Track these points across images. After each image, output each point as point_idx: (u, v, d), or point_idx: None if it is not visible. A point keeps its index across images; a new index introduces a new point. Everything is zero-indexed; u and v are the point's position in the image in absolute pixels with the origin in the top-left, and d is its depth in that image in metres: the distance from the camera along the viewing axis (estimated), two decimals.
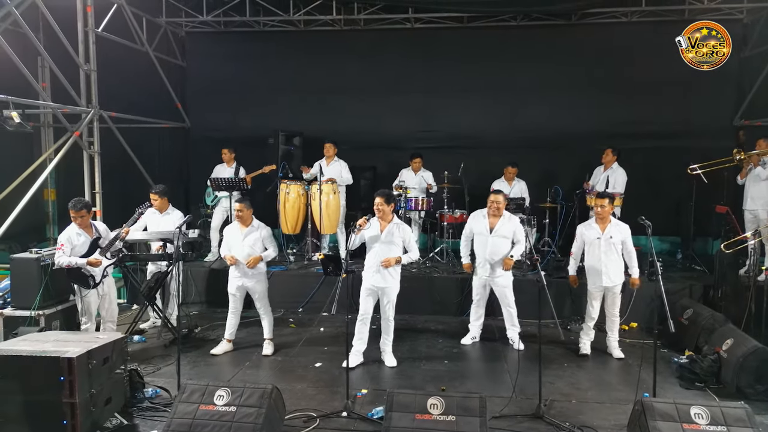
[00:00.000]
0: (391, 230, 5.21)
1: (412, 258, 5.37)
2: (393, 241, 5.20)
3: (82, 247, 5.22)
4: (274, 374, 5.24)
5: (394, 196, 5.42)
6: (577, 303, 6.81)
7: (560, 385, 5.01)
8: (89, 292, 5.28)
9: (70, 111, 7.03)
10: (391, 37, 9.25)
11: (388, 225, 5.23)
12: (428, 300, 7.14)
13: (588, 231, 5.63)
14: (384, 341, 5.50)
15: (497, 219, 5.68)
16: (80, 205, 5.23)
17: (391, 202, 5.23)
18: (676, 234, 8.74)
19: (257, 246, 5.59)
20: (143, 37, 8.36)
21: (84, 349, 3.91)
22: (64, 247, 5.14)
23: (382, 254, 5.18)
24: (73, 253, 5.17)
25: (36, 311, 5.21)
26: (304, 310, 7.23)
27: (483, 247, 5.76)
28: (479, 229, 5.78)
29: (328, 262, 4.58)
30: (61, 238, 5.19)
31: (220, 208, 8.11)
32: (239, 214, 5.57)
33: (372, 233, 5.21)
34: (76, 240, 5.21)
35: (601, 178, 7.67)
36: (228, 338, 5.78)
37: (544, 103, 8.96)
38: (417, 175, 8.18)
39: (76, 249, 5.19)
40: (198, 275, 7.47)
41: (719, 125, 8.59)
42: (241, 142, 8.52)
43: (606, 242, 5.47)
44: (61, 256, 5.13)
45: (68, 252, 5.14)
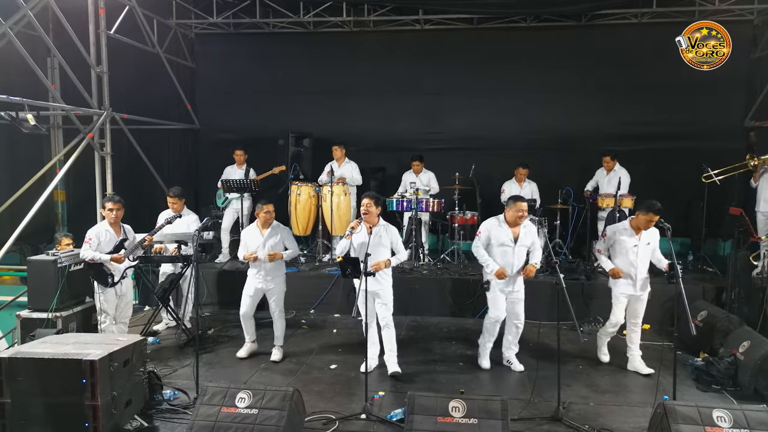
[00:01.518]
0: (378, 233, 5.09)
1: (400, 259, 5.26)
2: (381, 243, 5.09)
3: (107, 245, 5.29)
4: (290, 376, 5.24)
5: (382, 199, 5.26)
6: (590, 304, 6.83)
7: (577, 387, 5.01)
8: (107, 291, 5.30)
9: (82, 113, 7.04)
10: (400, 39, 9.26)
11: (375, 228, 5.10)
12: (440, 302, 7.14)
13: (624, 237, 5.27)
14: (388, 354, 5.23)
15: (518, 228, 5.31)
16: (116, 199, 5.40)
17: (379, 205, 5.13)
18: (686, 235, 8.72)
19: (278, 248, 5.59)
20: (154, 39, 8.38)
21: (105, 352, 3.92)
22: (92, 241, 5.22)
23: (372, 258, 4.83)
24: (98, 250, 5.23)
25: (53, 313, 5.21)
26: (315, 311, 7.24)
27: (507, 258, 5.24)
28: (502, 239, 5.25)
29: (347, 265, 4.56)
30: (90, 233, 5.28)
31: (231, 210, 8.13)
32: (269, 217, 5.57)
33: (359, 240, 5.03)
34: (103, 237, 5.28)
35: (608, 180, 7.68)
36: (251, 339, 5.76)
37: (553, 104, 8.96)
38: (418, 178, 8.18)
39: (101, 246, 5.26)
40: (209, 276, 7.48)
41: (730, 126, 8.58)
42: (251, 144, 8.54)
43: (643, 249, 5.24)
44: (87, 249, 5.20)
45: (94, 247, 5.21)
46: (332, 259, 7.97)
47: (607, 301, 6.74)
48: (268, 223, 5.58)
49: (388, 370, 5.20)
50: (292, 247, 5.67)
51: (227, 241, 8.19)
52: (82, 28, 7.06)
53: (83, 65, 7.02)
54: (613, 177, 7.63)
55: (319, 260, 8.01)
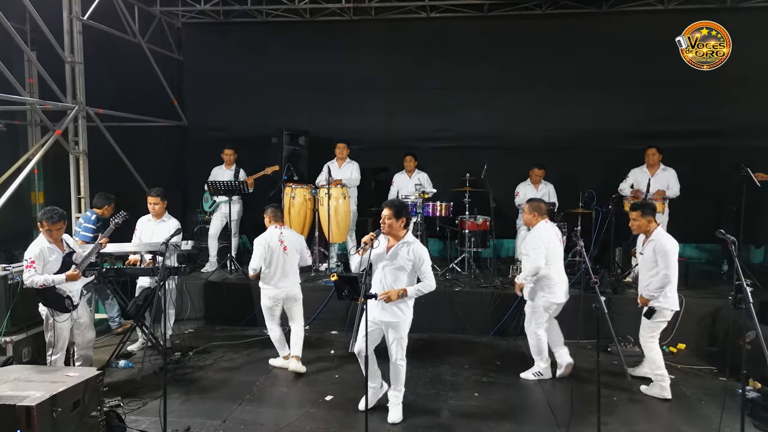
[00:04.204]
0: (396, 251, 4.15)
1: (423, 290, 4.19)
2: (398, 264, 4.13)
3: (54, 264, 4.48)
4: (278, 412, 4.51)
5: (407, 209, 4.31)
6: (617, 321, 6.09)
7: (614, 425, 4.28)
8: (63, 317, 4.51)
9: (52, 107, 6.37)
10: (404, 28, 8.60)
11: (395, 244, 4.20)
12: (450, 316, 6.45)
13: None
14: (393, 394, 4.40)
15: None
16: (57, 217, 4.44)
17: (401, 216, 4.17)
18: (715, 241, 8.00)
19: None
20: (135, 28, 7.69)
21: (47, 394, 3.21)
22: (36, 264, 4.38)
23: (388, 281, 4.17)
24: (45, 271, 4.44)
25: (3, 337, 4.49)
26: (311, 327, 6.53)
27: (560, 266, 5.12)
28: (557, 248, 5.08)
29: (343, 285, 3.85)
30: (31, 254, 4.41)
31: (219, 215, 7.46)
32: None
33: (378, 250, 4.18)
34: (48, 255, 4.45)
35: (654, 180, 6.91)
36: (284, 355, 5.39)
37: (570, 98, 8.26)
38: (412, 179, 7.49)
39: (47, 266, 4.45)
40: (194, 288, 6.79)
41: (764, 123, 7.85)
42: (243, 142, 7.94)
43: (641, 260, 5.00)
44: (33, 274, 4.37)
45: (40, 269, 4.40)
46: (329, 269, 7.28)
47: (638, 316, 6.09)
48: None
49: (389, 414, 4.37)
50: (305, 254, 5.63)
51: (215, 248, 7.51)
52: (59, 16, 6.44)
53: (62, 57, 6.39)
54: (661, 177, 6.91)
55: (315, 270, 7.30)
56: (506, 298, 6.27)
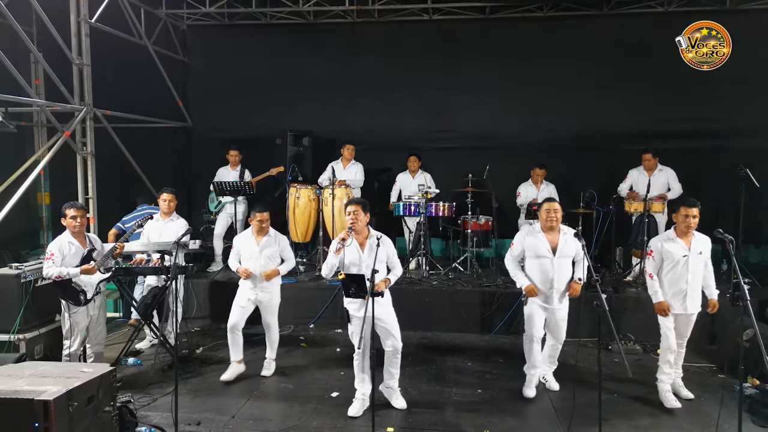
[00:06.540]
0: (372, 245, 4.28)
1: (397, 275, 4.47)
2: (380, 257, 4.23)
3: (73, 258, 4.61)
4: (285, 407, 4.60)
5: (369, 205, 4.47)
6: (618, 320, 6.17)
7: (615, 421, 4.36)
8: (78, 310, 4.65)
9: (60, 109, 6.46)
10: (407, 30, 8.66)
11: (368, 241, 4.36)
12: (452, 315, 6.52)
13: (671, 246, 4.56)
14: (388, 378, 4.52)
15: (556, 235, 4.66)
16: (79, 204, 4.71)
17: (367, 211, 4.37)
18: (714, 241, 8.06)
19: (275, 258, 5.08)
20: (141, 30, 7.78)
21: (64, 389, 3.29)
22: (54, 256, 4.53)
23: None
24: (64, 265, 4.57)
25: (16, 335, 4.58)
26: (315, 326, 6.63)
27: (545, 272, 4.61)
28: (539, 250, 4.63)
29: (351, 283, 3.93)
30: (51, 247, 4.59)
31: (224, 215, 7.53)
32: (264, 225, 5.06)
33: (351, 255, 4.33)
34: (67, 250, 4.60)
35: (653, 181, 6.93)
36: (237, 359, 5.16)
37: (572, 100, 8.34)
38: (416, 179, 7.54)
39: (66, 260, 4.59)
40: (199, 288, 6.87)
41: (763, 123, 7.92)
42: (247, 143, 7.98)
43: (694, 259, 4.55)
44: (50, 266, 4.53)
45: (58, 263, 4.55)
46: None
47: (638, 315, 6.16)
48: (263, 231, 5.03)
49: (394, 404, 4.52)
50: (290, 258, 5.19)
51: (220, 248, 7.59)
52: (66, 18, 6.53)
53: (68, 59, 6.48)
54: (659, 177, 6.95)
55: (319, 269, 7.36)
56: (508, 297, 6.36)
